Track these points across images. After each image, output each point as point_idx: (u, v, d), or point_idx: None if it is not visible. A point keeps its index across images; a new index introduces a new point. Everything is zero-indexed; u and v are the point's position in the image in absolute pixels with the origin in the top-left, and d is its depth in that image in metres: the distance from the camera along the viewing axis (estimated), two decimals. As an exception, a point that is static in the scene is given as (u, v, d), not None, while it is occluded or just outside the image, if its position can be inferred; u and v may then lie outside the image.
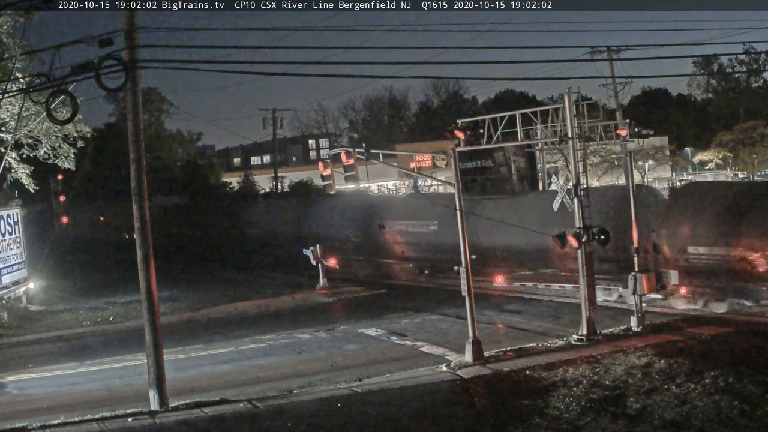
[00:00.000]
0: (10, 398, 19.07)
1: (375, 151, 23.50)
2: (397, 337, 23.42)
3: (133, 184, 16.90)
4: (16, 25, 27.87)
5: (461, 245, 19.93)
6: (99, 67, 15.49)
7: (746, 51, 73.60)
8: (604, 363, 17.98)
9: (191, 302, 32.56)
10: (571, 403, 15.37)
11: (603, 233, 20.76)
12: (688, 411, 14.38)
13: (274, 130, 68.97)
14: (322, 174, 24.02)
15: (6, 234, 31.11)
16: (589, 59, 46.69)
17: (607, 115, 41.10)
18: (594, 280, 21.38)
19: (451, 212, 21.81)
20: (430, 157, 64.21)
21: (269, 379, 19.24)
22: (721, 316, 22.65)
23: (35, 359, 23.26)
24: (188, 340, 24.53)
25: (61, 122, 24.39)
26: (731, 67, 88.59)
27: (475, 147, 22.93)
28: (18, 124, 27.37)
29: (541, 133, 23.01)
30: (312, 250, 34.27)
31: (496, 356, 19.62)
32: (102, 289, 37.61)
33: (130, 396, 18.08)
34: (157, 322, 16.94)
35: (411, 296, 31.28)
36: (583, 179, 21.15)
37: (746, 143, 69.66)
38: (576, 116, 21.27)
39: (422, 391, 17.03)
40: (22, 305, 32.00)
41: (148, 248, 16.88)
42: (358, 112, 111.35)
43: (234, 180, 74.07)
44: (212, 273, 43.11)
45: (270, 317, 28.61)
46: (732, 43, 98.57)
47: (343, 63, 51.50)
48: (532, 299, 28.17)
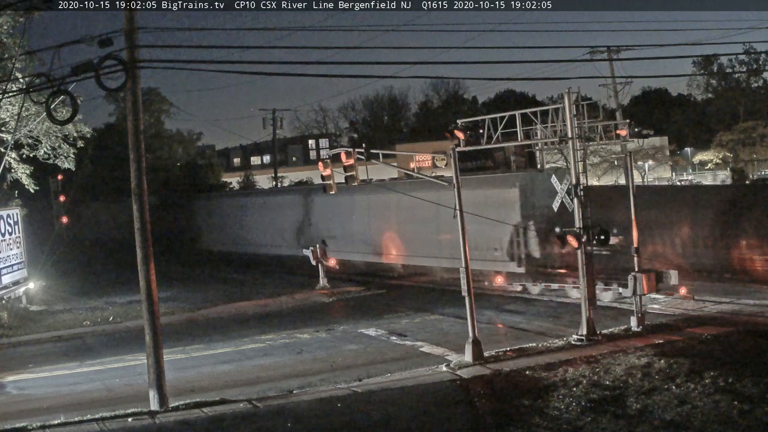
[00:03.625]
0: (10, 398, 19.07)
1: (375, 151, 23.49)
2: (397, 338, 23.42)
3: (133, 184, 16.89)
4: (16, 25, 27.88)
5: (461, 245, 19.93)
6: (99, 67, 15.49)
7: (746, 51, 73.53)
8: (604, 363, 17.98)
9: (191, 302, 32.57)
10: (571, 403, 15.37)
11: (603, 233, 20.77)
12: (688, 411, 14.38)
13: (274, 130, 68.94)
14: (322, 174, 24.04)
15: (6, 234, 31.12)
16: (589, 59, 46.70)
17: (607, 115, 41.17)
18: (594, 280, 21.39)
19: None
20: (430, 157, 64.06)
21: (269, 379, 19.25)
22: (722, 316, 22.65)
23: (35, 359, 23.27)
24: (188, 340, 24.54)
25: (61, 122, 24.41)
26: (731, 67, 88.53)
27: (475, 147, 22.93)
28: (18, 124, 27.40)
29: (541, 133, 22.99)
30: (312, 250, 34.29)
31: (496, 356, 19.62)
32: (102, 289, 37.65)
33: (130, 396, 18.09)
34: (157, 322, 16.93)
35: (411, 296, 31.29)
36: (583, 179, 21.15)
37: (746, 143, 69.61)
38: (576, 116, 21.26)
39: (422, 391, 17.03)
40: (22, 305, 32.01)
41: (148, 248, 16.88)
42: (358, 112, 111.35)
43: (234, 180, 74.04)
44: (213, 273, 43.13)
45: (270, 317, 28.62)
46: (732, 43, 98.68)
47: (343, 63, 51.55)
48: (532, 299, 28.18)
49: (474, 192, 27.57)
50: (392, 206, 34.67)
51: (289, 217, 43.08)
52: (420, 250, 33.73)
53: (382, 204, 35.27)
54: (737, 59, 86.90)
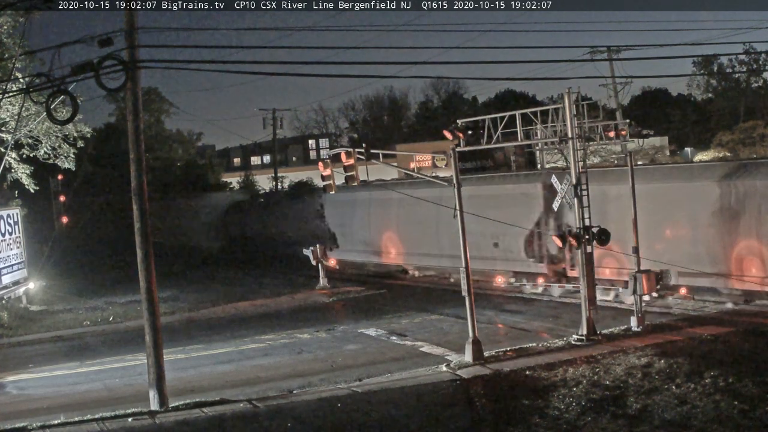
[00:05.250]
0: (10, 398, 19.08)
1: (375, 151, 23.50)
2: (397, 337, 23.42)
3: (133, 184, 16.89)
4: (16, 25, 27.89)
5: (461, 245, 19.92)
6: (99, 67, 15.50)
7: (746, 51, 73.46)
8: (604, 363, 17.97)
9: (191, 302, 32.57)
10: (571, 403, 15.38)
11: (603, 233, 20.76)
12: (688, 411, 14.39)
13: (274, 130, 68.92)
14: (322, 174, 24.05)
15: (6, 234, 31.15)
16: (589, 59, 46.80)
17: (607, 115, 41.20)
18: (594, 280, 21.38)
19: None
20: (430, 157, 64.10)
21: (269, 379, 19.25)
22: (722, 317, 22.64)
23: (35, 359, 23.28)
24: (188, 340, 24.54)
25: (61, 122, 24.40)
26: (731, 67, 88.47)
27: (475, 147, 22.95)
28: (18, 124, 27.40)
29: (541, 133, 23.00)
30: (312, 250, 34.23)
31: (496, 356, 19.61)
32: (102, 289, 37.64)
33: (130, 396, 18.09)
34: (157, 322, 16.93)
35: (411, 296, 31.28)
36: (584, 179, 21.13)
37: (746, 143, 69.55)
38: (576, 116, 21.25)
39: (422, 391, 17.02)
40: (22, 305, 32.02)
41: (148, 248, 16.87)
42: (358, 112, 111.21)
43: (234, 180, 73.99)
44: (213, 273, 43.13)
45: (270, 317, 28.62)
46: (732, 43, 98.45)
47: (343, 63, 51.42)
48: (532, 299, 28.17)
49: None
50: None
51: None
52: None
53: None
54: (737, 59, 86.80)
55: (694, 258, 23.41)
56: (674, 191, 24.44)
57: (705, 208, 23.54)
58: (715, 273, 23.29)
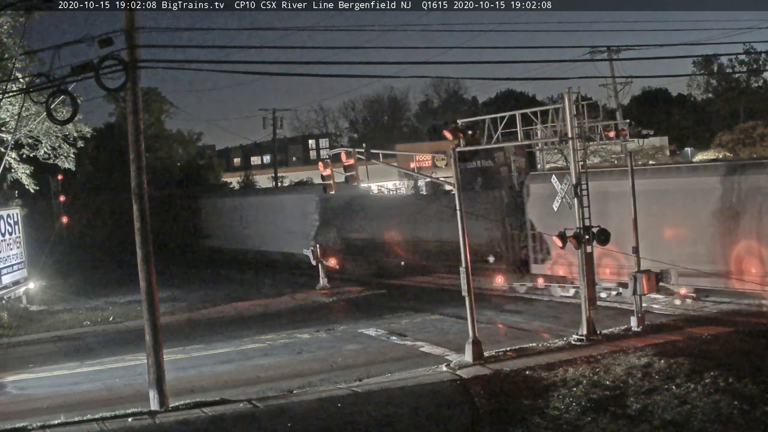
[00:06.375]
0: (10, 398, 19.08)
1: (375, 151, 23.52)
2: (397, 337, 23.42)
3: (133, 184, 16.89)
4: (16, 25, 27.89)
5: (461, 245, 19.92)
6: (99, 67, 15.50)
7: (746, 51, 73.48)
8: (604, 363, 17.97)
9: (191, 302, 32.56)
10: (571, 403, 15.37)
11: (603, 233, 20.77)
12: (688, 411, 14.38)
13: (274, 130, 68.90)
14: (322, 174, 24.06)
15: (6, 234, 31.14)
16: (589, 59, 46.78)
17: (607, 115, 41.22)
18: (594, 279, 21.38)
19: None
20: (430, 157, 64.18)
21: (269, 379, 19.25)
22: (722, 317, 22.63)
23: (35, 359, 23.27)
24: (188, 340, 24.53)
25: (61, 122, 24.42)
26: (731, 67, 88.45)
27: (475, 147, 22.95)
28: (18, 124, 27.41)
29: (541, 133, 23.03)
30: (312, 250, 34.23)
31: (496, 356, 19.61)
32: (102, 289, 37.61)
33: (130, 396, 18.09)
34: (157, 322, 16.93)
35: (411, 296, 31.28)
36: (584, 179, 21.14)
37: (746, 143, 69.54)
38: (576, 116, 21.27)
39: (422, 391, 17.02)
40: (22, 305, 32.01)
41: (148, 248, 16.88)
42: (358, 112, 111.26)
43: (234, 180, 73.96)
44: (214, 273, 43.11)
45: (270, 317, 28.61)
46: (732, 43, 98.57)
47: (343, 63, 51.47)
48: (532, 299, 28.17)
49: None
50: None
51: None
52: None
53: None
54: (737, 59, 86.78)
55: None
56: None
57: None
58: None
